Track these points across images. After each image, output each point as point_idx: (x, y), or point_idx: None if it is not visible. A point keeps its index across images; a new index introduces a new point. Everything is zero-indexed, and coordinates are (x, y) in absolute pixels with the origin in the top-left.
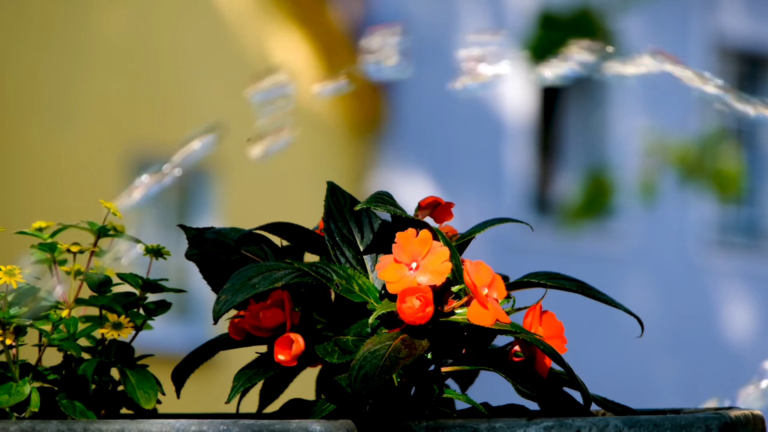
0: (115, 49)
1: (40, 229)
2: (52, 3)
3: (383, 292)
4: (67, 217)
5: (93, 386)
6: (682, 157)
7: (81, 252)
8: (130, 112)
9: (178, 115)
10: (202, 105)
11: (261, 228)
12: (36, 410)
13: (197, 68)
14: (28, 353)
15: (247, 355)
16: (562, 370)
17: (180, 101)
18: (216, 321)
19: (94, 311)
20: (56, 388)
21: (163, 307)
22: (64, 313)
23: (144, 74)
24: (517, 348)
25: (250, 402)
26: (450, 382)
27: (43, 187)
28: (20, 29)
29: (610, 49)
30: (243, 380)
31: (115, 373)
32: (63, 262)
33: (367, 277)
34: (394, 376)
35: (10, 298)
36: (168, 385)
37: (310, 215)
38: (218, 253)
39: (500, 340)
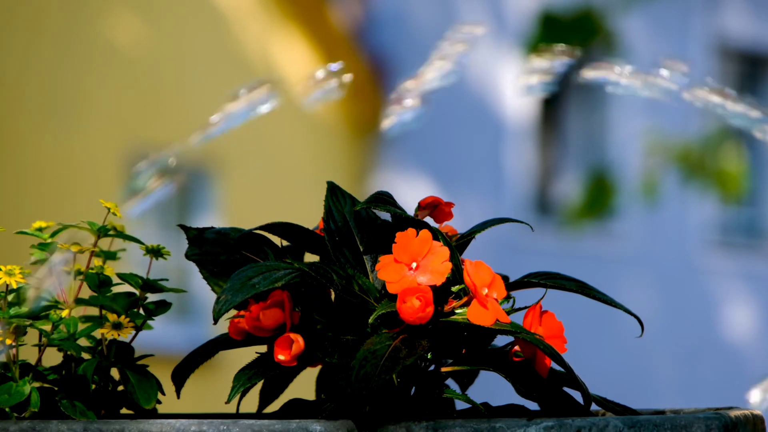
0: (121, 54)
1: (40, 229)
2: (62, 9)
3: (383, 292)
4: (69, 218)
5: (93, 386)
6: (684, 157)
7: (81, 252)
8: (133, 115)
9: (181, 118)
10: (205, 107)
11: (261, 228)
12: (36, 410)
13: (200, 71)
14: (28, 353)
15: (247, 355)
16: (562, 370)
17: (183, 104)
18: (216, 321)
19: (94, 311)
20: (56, 388)
21: (163, 307)
22: (64, 313)
23: (148, 77)
24: (517, 348)
25: (250, 402)
26: (450, 382)
27: (46, 188)
28: (34, 35)
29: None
30: (243, 380)
31: (115, 373)
32: None
33: (367, 277)
34: (394, 376)
35: (10, 298)
36: (168, 385)
37: (310, 215)
38: (218, 253)
39: (500, 340)
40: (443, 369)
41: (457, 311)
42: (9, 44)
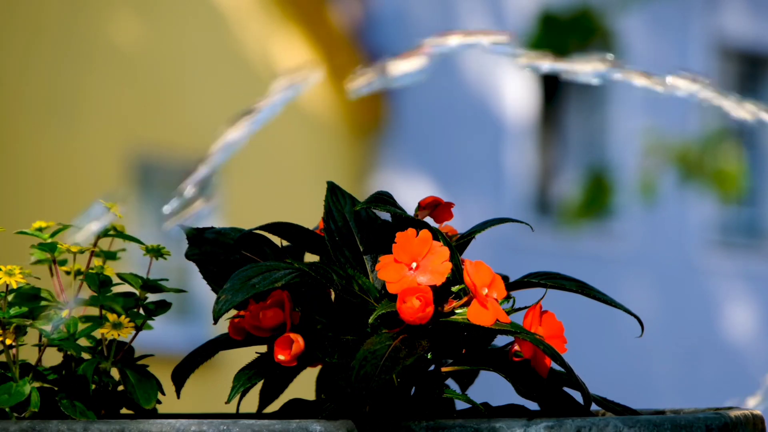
0: (121, 54)
1: (40, 229)
2: (62, 9)
3: (383, 292)
4: (69, 218)
5: (93, 386)
6: (683, 157)
7: (81, 252)
8: (133, 115)
9: (181, 118)
10: (205, 107)
11: (261, 228)
12: (36, 410)
13: (200, 71)
14: (28, 353)
15: (247, 355)
16: (562, 370)
17: (183, 104)
18: (216, 321)
19: (94, 311)
20: (56, 388)
21: (163, 307)
22: (64, 314)
23: (148, 77)
24: (517, 348)
25: (250, 402)
26: (450, 382)
27: (46, 188)
28: (34, 35)
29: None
30: (243, 380)
31: (115, 373)
32: (63, 262)
33: (367, 277)
34: (394, 376)
35: (10, 298)
36: (168, 385)
37: (310, 215)
38: (218, 253)
39: (500, 340)
40: (443, 369)
41: (457, 311)
42: (9, 44)
